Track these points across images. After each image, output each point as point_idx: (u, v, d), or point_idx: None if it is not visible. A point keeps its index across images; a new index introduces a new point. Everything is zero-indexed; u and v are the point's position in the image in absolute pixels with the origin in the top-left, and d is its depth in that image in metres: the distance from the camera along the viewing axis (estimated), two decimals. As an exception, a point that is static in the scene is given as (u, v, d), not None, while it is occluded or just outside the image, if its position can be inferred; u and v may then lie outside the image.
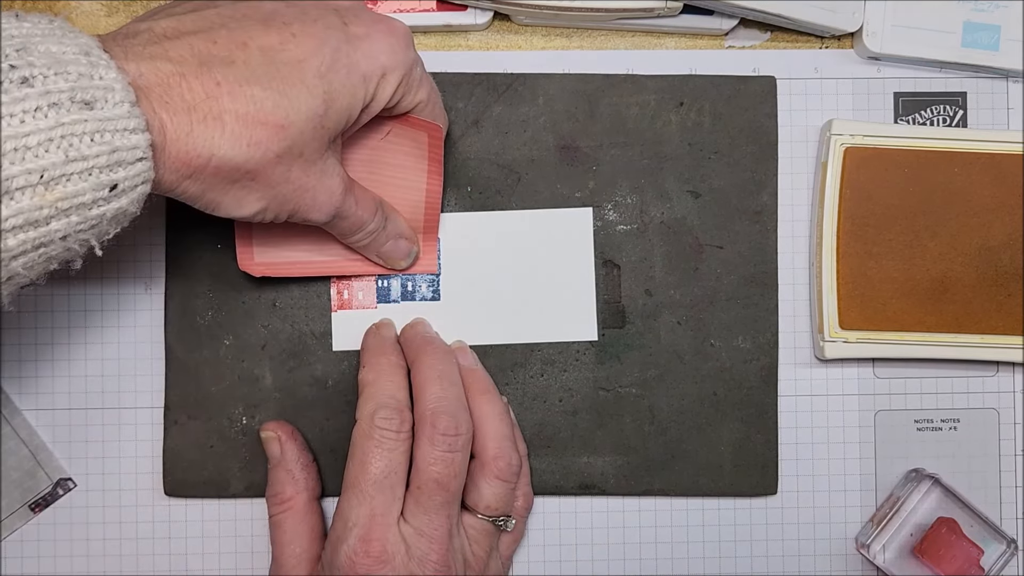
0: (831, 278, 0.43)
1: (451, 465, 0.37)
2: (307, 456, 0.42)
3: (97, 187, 0.28)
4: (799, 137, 0.45)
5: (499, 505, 0.39)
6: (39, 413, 0.43)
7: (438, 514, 0.37)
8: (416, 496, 0.37)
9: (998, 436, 0.45)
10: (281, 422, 0.42)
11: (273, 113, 0.32)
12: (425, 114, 0.38)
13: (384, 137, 0.40)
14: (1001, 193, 0.43)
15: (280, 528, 0.40)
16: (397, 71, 0.35)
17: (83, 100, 0.28)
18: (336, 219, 0.37)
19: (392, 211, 0.41)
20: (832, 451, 0.45)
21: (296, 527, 0.40)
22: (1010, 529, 0.44)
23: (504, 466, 0.39)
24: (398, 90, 0.36)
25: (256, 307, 0.43)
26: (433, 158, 0.40)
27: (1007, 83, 0.45)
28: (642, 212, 0.44)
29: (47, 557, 0.43)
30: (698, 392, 0.44)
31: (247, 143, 0.31)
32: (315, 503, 0.41)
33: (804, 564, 0.44)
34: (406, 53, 0.36)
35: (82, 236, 0.29)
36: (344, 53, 0.34)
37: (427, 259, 0.43)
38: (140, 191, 0.30)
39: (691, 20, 0.44)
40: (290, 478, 0.41)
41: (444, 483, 0.37)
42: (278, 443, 0.41)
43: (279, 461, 0.41)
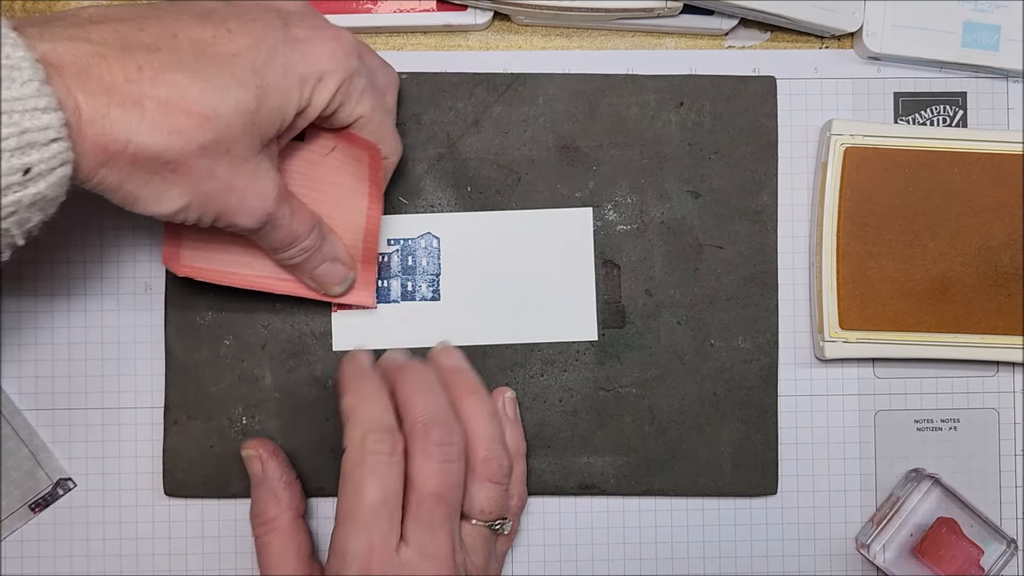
0: (831, 278, 0.43)
1: (449, 476, 0.36)
2: (290, 473, 0.41)
3: (8, 171, 0.27)
4: (799, 137, 0.45)
5: (493, 508, 0.38)
6: (39, 413, 0.43)
7: (441, 530, 0.36)
8: (416, 514, 0.35)
9: (998, 436, 0.45)
10: (262, 440, 0.41)
11: (198, 102, 0.30)
12: (367, 131, 0.37)
13: (328, 154, 0.38)
14: (1001, 193, 0.43)
15: (266, 550, 0.39)
16: (335, 76, 0.34)
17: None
18: (267, 228, 0.35)
19: (330, 232, 0.39)
20: (832, 451, 0.45)
21: (283, 548, 0.39)
22: (1010, 529, 0.44)
23: (495, 468, 0.38)
24: (336, 97, 0.35)
25: (256, 307, 0.43)
26: (373, 181, 0.39)
27: (1007, 83, 0.45)
28: (642, 212, 0.44)
29: (47, 557, 0.43)
30: (698, 392, 0.44)
31: (168, 131, 0.30)
32: (300, 521, 0.40)
33: (804, 564, 0.44)
34: (347, 60, 0.35)
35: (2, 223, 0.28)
36: (281, 52, 0.33)
37: (364, 291, 0.42)
38: (59, 174, 0.28)
39: (691, 20, 0.44)
40: (273, 497, 0.40)
41: (444, 495, 0.36)
42: (259, 462, 0.40)
43: (261, 480, 0.40)
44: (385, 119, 0.38)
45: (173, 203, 0.32)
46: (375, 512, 0.35)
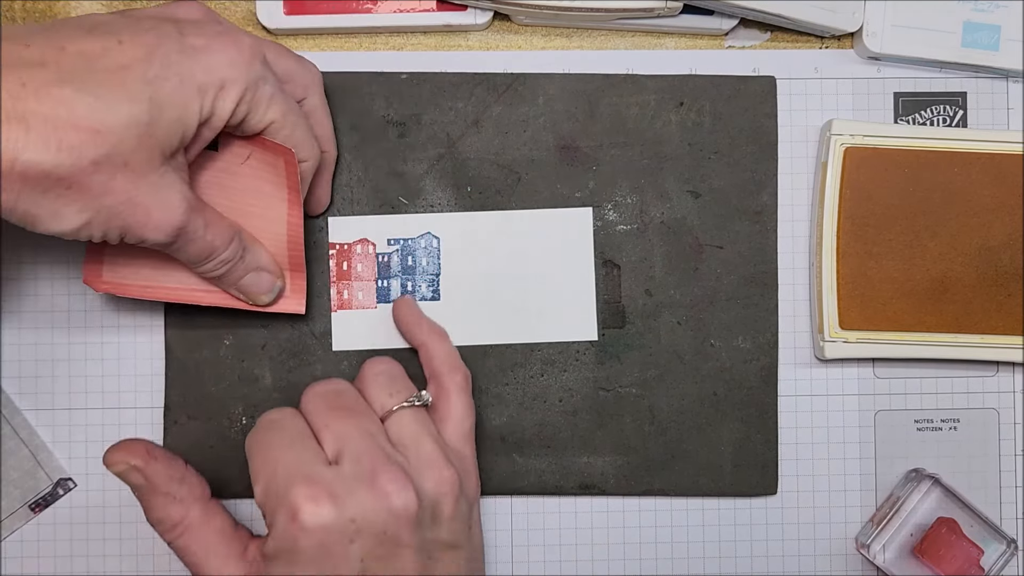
0: (831, 278, 0.43)
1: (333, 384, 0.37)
2: (178, 465, 0.37)
3: None
4: (799, 137, 0.45)
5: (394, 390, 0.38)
6: (39, 413, 0.43)
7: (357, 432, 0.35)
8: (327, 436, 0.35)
9: (998, 436, 0.45)
10: (124, 444, 0.37)
11: (86, 117, 0.30)
12: (281, 136, 0.36)
13: (243, 162, 0.38)
14: (1001, 193, 0.43)
15: (187, 551, 0.37)
16: (237, 84, 0.33)
17: None
18: (180, 241, 0.34)
19: (253, 241, 0.39)
20: (832, 451, 0.45)
21: (204, 540, 0.37)
22: (1010, 529, 0.44)
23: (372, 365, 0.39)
24: (240, 106, 0.34)
25: (256, 307, 0.43)
26: (291, 186, 0.38)
27: (1007, 83, 0.45)
28: (642, 212, 0.44)
29: (47, 557, 0.43)
30: (698, 392, 0.44)
31: (56, 147, 0.29)
32: (211, 503, 0.37)
33: (804, 564, 0.44)
34: (249, 66, 0.34)
35: None
36: (177, 63, 0.32)
37: (294, 298, 0.41)
38: None
39: (691, 20, 0.44)
40: (171, 501, 0.37)
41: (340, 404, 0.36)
42: (137, 473, 0.36)
43: (149, 488, 0.36)
44: (299, 122, 0.37)
45: (72, 221, 0.31)
46: (284, 447, 0.35)
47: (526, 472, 0.44)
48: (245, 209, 0.39)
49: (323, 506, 0.33)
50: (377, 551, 0.34)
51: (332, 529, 0.33)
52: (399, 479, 0.34)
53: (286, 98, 0.36)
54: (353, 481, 0.34)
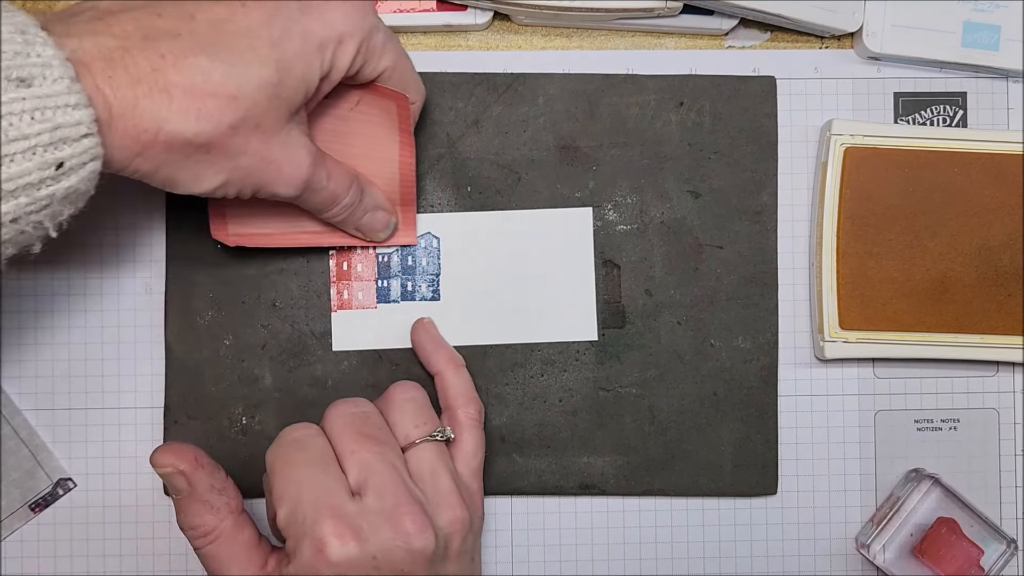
0: (831, 278, 0.43)
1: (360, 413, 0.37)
2: (220, 475, 0.38)
3: (42, 166, 0.28)
4: (799, 137, 0.45)
5: (420, 422, 0.38)
6: (39, 413, 0.43)
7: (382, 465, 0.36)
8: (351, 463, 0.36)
9: (998, 436, 0.45)
10: (174, 447, 0.37)
11: (222, 84, 0.31)
12: (392, 82, 0.37)
13: (353, 107, 0.39)
14: (1001, 193, 0.43)
15: (214, 559, 0.37)
16: (354, 37, 0.34)
17: (19, 78, 0.27)
18: (307, 193, 0.36)
19: (368, 183, 0.40)
20: (832, 451, 0.45)
21: (231, 551, 0.37)
22: (1010, 529, 0.44)
23: (400, 389, 0.39)
24: (357, 57, 0.35)
25: (256, 307, 0.43)
26: (403, 128, 0.40)
27: (1007, 83, 0.45)
28: (642, 212, 0.44)
29: (47, 557, 0.43)
30: (698, 392, 0.44)
31: (196, 115, 0.31)
32: (242, 516, 0.38)
33: (804, 564, 0.44)
34: (363, 19, 0.35)
35: (34, 218, 0.29)
36: (297, 21, 0.33)
37: (406, 231, 0.42)
38: (90, 168, 0.29)
39: (691, 20, 0.44)
40: (208, 509, 0.37)
41: (364, 431, 0.37)
42: (183, 478, 0.37)
43: (190, 495, 0.37)
44: (408, 65, 0.38)
45: (211, 182, 0.33)
46: (308, 468, 0.35)
47: (526, 472, 0.44)
48: (357, 152, 0.40)
49: (348, 543, 0.34)
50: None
51: (355, 564, 0.34)
52: (420, 521, 0.35)
53: (396, 44, 0.37)
54: (377, 517, 0.35)
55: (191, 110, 0.31)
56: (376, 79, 0.37)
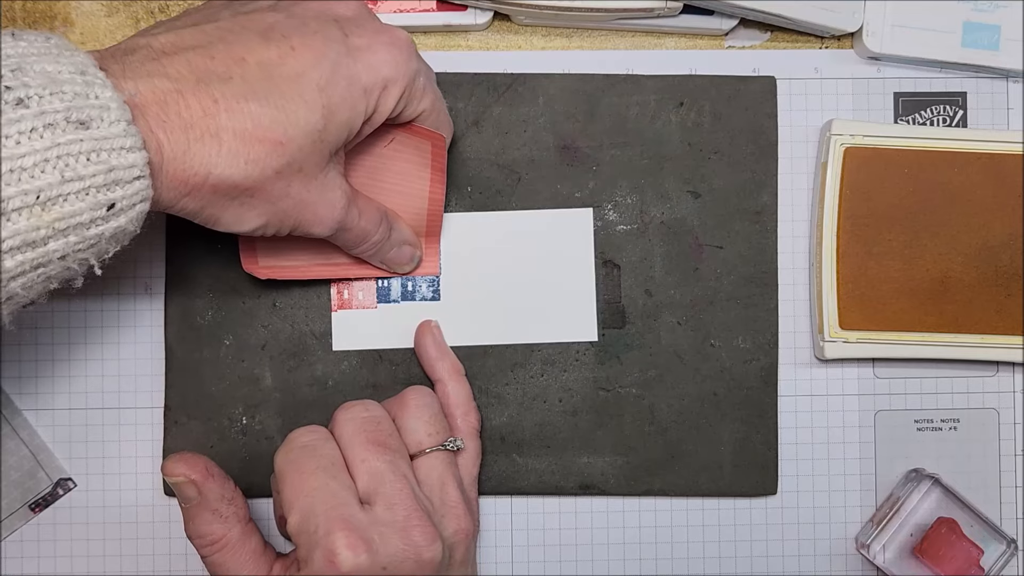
0: (831, 278, 0.43)
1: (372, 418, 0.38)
2: (230, 485, 0.38)
3: (95, 206, 0.28)
4: (799, 137, 0.45)
5: (432, 431, 0.39)
6: (39, 413, 0.43)
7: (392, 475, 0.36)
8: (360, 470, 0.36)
9: (998, 436, 0.45)
10: (187, 457, 0.38)
11: (271, 129, 0.32)
12: (429, 123, 0.38)
13: (388, 145, 0.39)
14: (1001, 193, 0.43)
15: (221, 567, 0.38)
16: (399, 83, 0.35)
17: (79, 120, 0.28)
18: (340, 232, 0.37)
19: (396, 219, 0.41)
20: (832, 451, 0.45)
21: (238, 559, 0.38)
22: (1010, 529, 0.44)
23: (414, 397, 0.39)
24: (400, 101, 0.35)
25: (256, 307, 0.43)
26: (436, 167, 0.40)
27: (1007, 83, 0.45)
28: (642, 212, 0.44)
29: (47, 557, 0.43)
30: (698, 392, 0.44)
31: (245, 160, 0.31)
32: (249, 525, 0.39)
33: (804, 564, 0.44)
34: (408, 64, 0.35)
35: (81, 255, 0.29)
36: (344, 66, 0.33)
37: (429, 262, 0.43)
38: (139, 209, 0.30)
39: (691, 20, 0.44)
40: (217, 518, 0.37)
41: (376, 438, 0.37)
42: (194, 487, 0.37)
43: (200, 503, 0.37)
44: (443, 107, 0.39)
45: (252, 223, 0.34)
46: (319, 476, 0.35)
47: (526, 472, 0.44)
48: (386, 186, 0.40)
49: (360, 554, 0.34)
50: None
51: (365, 574, 0.35)
52: (430, 534, 0.36)
53: (434, 87, 0.38)
54: (387, 528, 0.35)
55: (240, 154, 0.31)
56: (414, 120, 0.37)
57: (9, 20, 0.44)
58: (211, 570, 0.38)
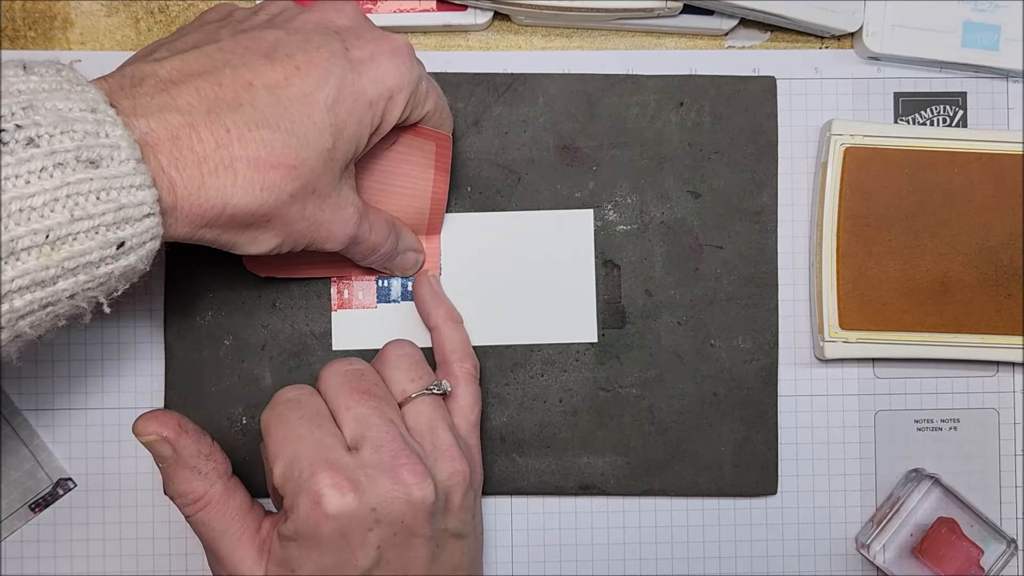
0: (831, 278, 0.43)
1: (355, 370, 0.37)
2: (206, 440, 0.37)
3: (104, 245, 0.28)
4: (799, 137, 0.45)
5: (415, 376, 0.38)
6: (39, 413, 0.43)
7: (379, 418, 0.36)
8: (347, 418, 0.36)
9: (998, 436, 0.45)
10: (156, 414, 0.36)
11: (284, 155, 0.32)
12: (432, 123, 0.38)
13: (391, 147, 0.39)
14: (1001, 193, 0.43)
15: (205, 526, 0.36)
16: (404, 92, 0.35)
17: (88, 159, 0.28)
18: (351, 246, 0.37)
19: (402, 228, 0.41)
20: (832, 451, 0.45)
21: (223, 516, 0.36)
22: (1010, 529, 0.44)
23: (395, 347, 0.39)
24: (406, 108, 0.35)
25: (256, 307, 0.43)
26: (440, 167, 0.40)
27: (1007, 83, 0.45)
28: (642, 212, 0.44)
29: (47, 557, 0.43)
30: (698, 392, 0.44)
31: (260, 188, 0.31)
32: (232, 480, 0.37)
33: (804, 564, 0.44)
34: (411, 72, 0.35)
35: (90, 294, 0.29)
36: (349, 81, 0.33)
37: (429, 262, 0.43)
38: (149, 248, 0.30)
39: (691, 20, 0.44)
40: (196, 475, 0.36)
41: (360, 387, 0.37)
42: (167, 444, 0.36)
43: (176, 462, 0.36)
44: (446, 106, 0.39)
45: (268, 244, 0.34)
46: (302, 425, 0.35)
47: (526, 472, 0.44)
48: (391, 190, 0.40)
49: (347, 495, 0.34)
50: (393, 539, 0.35)
51: (353, 517, 0.34)
52: (419, 471, 0.35)
53: (436, 87, 0.38)
54: (374, 470, 0.35)
55: (255, 182, 0.31)
56: (419, 122, 0.38)
57: (9, 20, 0.44)
58: (197, 531, 0.37)
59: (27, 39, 0.44)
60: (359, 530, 0.34)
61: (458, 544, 0.38)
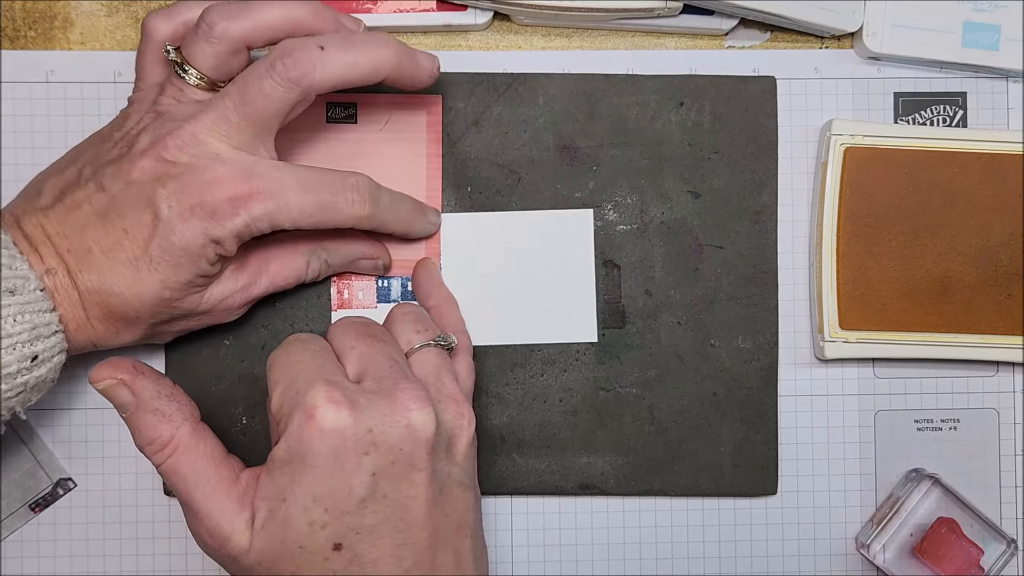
0: (831, 278, 0.43)
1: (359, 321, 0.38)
2: (166, 382, 0.36)
3: (21, 359, 0.34)
4: (799, 137, 0.45)
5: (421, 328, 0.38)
6: (39, 413, 0.43)
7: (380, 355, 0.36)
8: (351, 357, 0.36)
9: (998, 436, 0.45)
10: (110, 360, 0.35)
11: (123, 311, 0.36)
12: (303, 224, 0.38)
13: (382, 128, 0.40)
14: (1001, 193, 0.43)
15: (176, 474, 0.35)
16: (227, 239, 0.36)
17: (8, 289, 0.34)
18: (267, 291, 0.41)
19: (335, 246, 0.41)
20: (832, 451, 0.45)
21: (194, 464, 0.35)
22: (1010, 529, 0.44)
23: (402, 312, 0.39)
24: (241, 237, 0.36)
25: (256, 307, 0.43)
26: (433, 138, 0.41)
27: (1007, 83, 0.45)
28: (642, 212, 0.44)
29: (47, 557, 0.43)
30: (698, 392, 0.44)
31: (116, 331, 0.37)
32: (200, 425, 0.36)
33: (804, 564, 0.44)
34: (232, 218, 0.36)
35: (9, 403, 0.35)
36: (171, 241, 0.35)
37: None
38: (56, 361, 0.36)
39: (691, 20, 0.44)
40: (161, 418, 0.35)
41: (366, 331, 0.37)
42: (125, 387, 0.35)
43: (137, 406, 0.35)
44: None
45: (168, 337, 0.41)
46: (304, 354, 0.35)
47: (526, 472, 0.44)
48: (385, 171, 0.42)
49: (342, 409, 0.32)
50: (390, 469, 0.33)
51: (348, 435, 0.32)
52: (420, 397, 0.34)
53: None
54: (374, 395, 0.34)
55: (111, 329, 0.37)
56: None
57: (9, 20, 0.44)
58: (169, 481, 0.35)
59: (27, 39, 0.44)
60: (354, 452, 0.32)
61: (463, 495, 0.35)
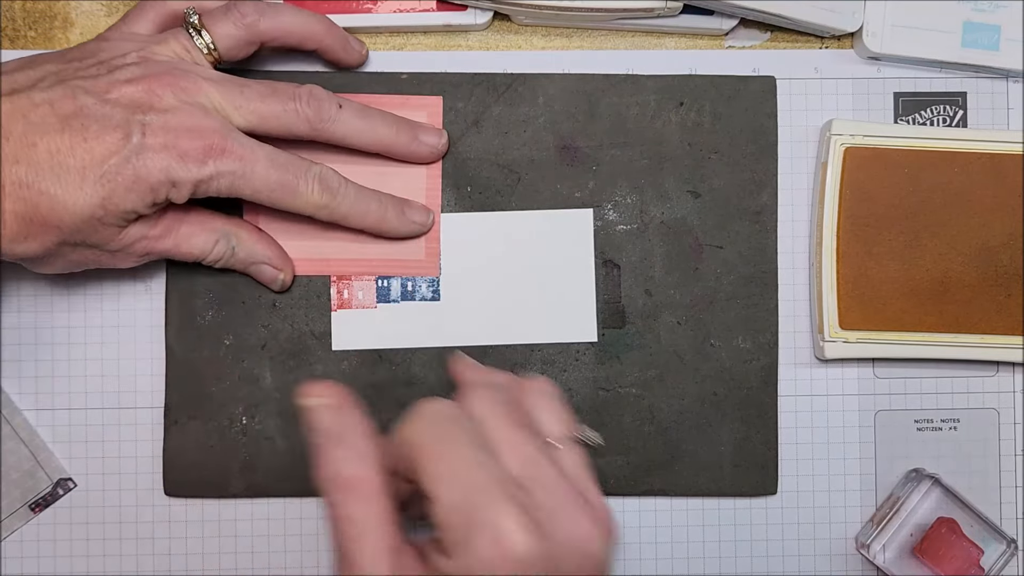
0: (831, 278, 0.43)
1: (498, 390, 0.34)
2: (369, 424, 0.33)
3: None
4: (799, 137, 0.45)
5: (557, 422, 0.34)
6: (39, 413, 0.43)
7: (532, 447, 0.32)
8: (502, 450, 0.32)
9: (998, 436, 0.45)
10: (327, 383, 0.33)
11: (48, 215, 0.35)
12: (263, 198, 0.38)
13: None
14: (1001, 193, 0.43)
15: (349, 521, 0.31)
16: (187, 185, 0.36)
17: None
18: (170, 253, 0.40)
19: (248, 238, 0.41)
20: (832, 451, 0.45)
21: (369, 514, 0.31)
22: (1010, 529, 0.44)
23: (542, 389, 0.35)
24: (198, 189, 0.37)
25: (256, 307, 0.43)
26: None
27: (1007, 83, 0.45)
28: (642, 212, 0.44)
29: (47, 557, 0.43)
30: (698, 392, 0.44)
31: (25, 237, 0.35)
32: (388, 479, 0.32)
33: (804, 564, 0.44)
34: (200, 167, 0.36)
35: None
36: (131, 164, 0.35)
37: (429, 262, 0.43)
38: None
39: (691, 20, 0.44)
40: (355, 454, 0.31)
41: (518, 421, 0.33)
42: (335, 412, 0.32)
43: (337, 435, 0.32)
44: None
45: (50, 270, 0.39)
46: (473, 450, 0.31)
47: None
48: (384, 170, 0.42)
49: (531, 536, 0.30)
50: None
51: (536, 563, 0.30)
52: (600, 521, 0.32)
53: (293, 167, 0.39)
54: (554, 513, 0.31)
55: (21, 233, 0.35)
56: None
57: (9, 20, 0.44)
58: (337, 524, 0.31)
59: (27, 39, 0.44)
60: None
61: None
